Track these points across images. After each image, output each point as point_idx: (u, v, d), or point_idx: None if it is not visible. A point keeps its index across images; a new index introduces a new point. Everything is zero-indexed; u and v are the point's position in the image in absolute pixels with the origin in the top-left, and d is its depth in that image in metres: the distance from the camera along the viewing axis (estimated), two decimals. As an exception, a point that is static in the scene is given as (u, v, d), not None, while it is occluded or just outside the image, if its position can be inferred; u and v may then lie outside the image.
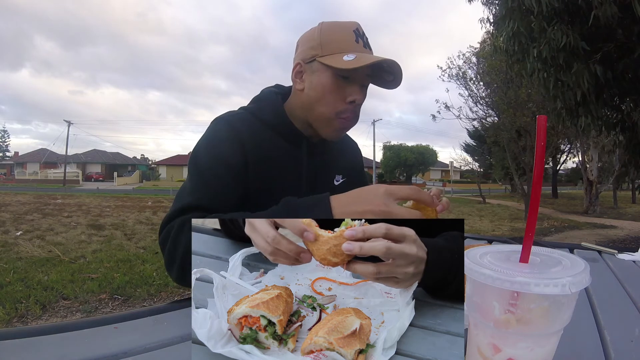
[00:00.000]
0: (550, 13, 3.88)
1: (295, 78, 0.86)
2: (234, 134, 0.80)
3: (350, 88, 0.81)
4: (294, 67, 0.85)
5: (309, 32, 0.85)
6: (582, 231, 9.13)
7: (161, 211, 10.77)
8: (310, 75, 0.82)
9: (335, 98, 0.80)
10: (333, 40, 0.80)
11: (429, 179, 45.69)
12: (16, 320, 2.95)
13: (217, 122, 0.84)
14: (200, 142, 0.83)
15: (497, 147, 14.75)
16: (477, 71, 13.29)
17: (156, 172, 42.59)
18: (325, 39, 0.80)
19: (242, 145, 0.80)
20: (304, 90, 0.84)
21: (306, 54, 0.82)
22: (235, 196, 0.78)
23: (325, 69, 0.80)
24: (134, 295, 3.55)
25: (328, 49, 0.80)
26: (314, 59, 0.81)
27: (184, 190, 0.78)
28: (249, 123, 0.84)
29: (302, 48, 0.84)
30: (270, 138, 0.85)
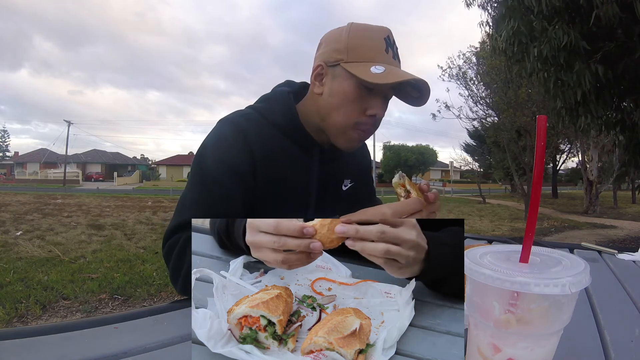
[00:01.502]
0: (551, 12, 3.88)
1: (314, 80, 0.79)
2: (241, 138, 0.75)
3: (372, 100, 0.75)
4: (315, 68, 0.79)
5: (335, 33, 0.78)
6: (582, 231, 9.12)
7: (161, 211, 10.77)
8: (331, 80, 0.76)
9: (355, 109, 0.75)
10: (361, 46, 0.74)
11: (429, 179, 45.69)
12: (16, 320, 2.95)
13: (223, 125, 0.79)
14: (204, 146, 0.78)
15: (497, 147, 14.75)
16: (477, 71, 13.30)
17: (156, 172, 42.60)
18: (353, 43, 0.74)
19: (250, 152, 0.75)
20: (323, 95, 0.78)
21: (330, 56, 0.76)
22: (240, 205, 0.74)
23: (348, 77, 0.74)
24: (134, 295, 3.55)
25: (355, 55, 0.73)
26: (338, 64, 0.75)
27: (186, 201, 0.74)
28: (258, 125, 0.78)
29: (326, 49, 0.78)
30: (280, 142, 0.79)
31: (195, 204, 0.73)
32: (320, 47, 0.80)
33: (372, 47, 0.74)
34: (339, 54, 0.75)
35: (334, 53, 0.76)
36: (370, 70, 0.71)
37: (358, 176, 0.95)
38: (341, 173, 0.90)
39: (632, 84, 4.27)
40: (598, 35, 3.98)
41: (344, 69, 0.74)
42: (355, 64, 0.73)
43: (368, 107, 0.76)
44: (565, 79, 4.27)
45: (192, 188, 0.75)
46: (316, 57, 0.80)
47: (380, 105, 0.76)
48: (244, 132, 0.76)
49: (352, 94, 0.74)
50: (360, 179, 0.96)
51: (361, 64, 0.73)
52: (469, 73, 13.39)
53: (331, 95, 0.76)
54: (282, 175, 0.78)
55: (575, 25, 3.88)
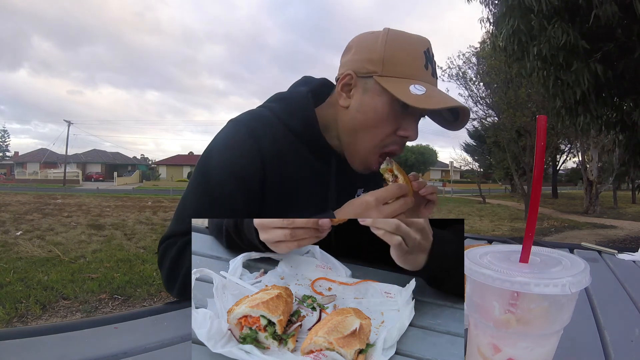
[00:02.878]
0: (550, 11, 3.88)
1: (340, 91, 0.71)
2: (253, 145, 0.69)
3: (406, 121, 0.68)
4: (342, 77, 0.70)
5: (369, 39, 0.69)
6: (582, 231, 9.13)
7: (161, 211, 10.77)
8: (361, 94, 0.69)
9: (385, 129, 0.68)
10: (400, 60, 0.66)
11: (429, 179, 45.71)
12: (16, 320, 2.95)
13: (235, 127, 0.72)
14: (212, 150, 0.71)
15: (497, 147, 14.75)
16: (477, 71, 13.31)
17: (156, 172, 42.61)
18: (391, 55, 0.66)
19: (262, 159, 0.69)
20: (350, 108, 0.70)
21: (361, 66, 0.68)
22: (247, 215, 0.69)
23: (382, 92, 0.66)
24: (134, 295, 3.55)
25: (391, 70, 0.66)
26: (371, 76, 0.67)
27: (188, 206, 0.70)
28: (272, 129, 0.72)
29: (358, 57, 0.69)
30: (295, 150, 0.73)
31: (196, 213, 0.69)
32: (350, 52, 0.72)
33: (411, 62, 0.66)
34: (373, 66, 0.67)
35: (366, 63, 0.68)
36: (409, 89, 0.64)
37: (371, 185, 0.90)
38: (355, 182, 0.84)
39: (632, 84, 4.27)
40: (598, 35, 3.98)
41: (378, 83, 0.66)
42: (392, 79, 0.66)
43: (400, 127, 0.69)
44: (564, 78, 4.27)
45: (195, 195, 0.70)
46: (343, 62, 0.72)
47: (414, 127, 0.70)
48: (255, 136, 0.70)
49: (385, 112, 0.67)
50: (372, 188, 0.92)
51: (398, 80, 0.65)
52: (469, 73, 13.41)
53: (360, 111, 0.69)
54: (294, 183, 0.73)
55: (575, 24, 3.88)
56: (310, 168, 0.74)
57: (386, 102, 0.66)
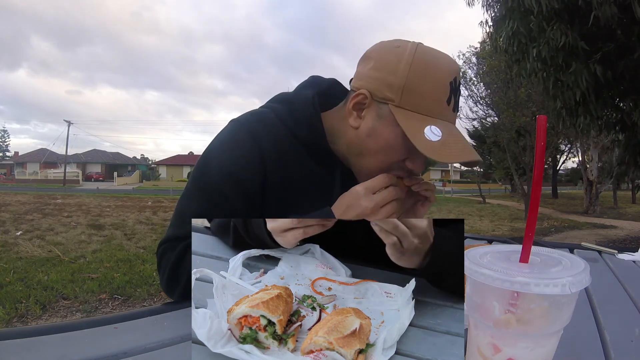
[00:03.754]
0: (550, 13, 3.88)
1: (352, 109, 0.66)
2: (254, 145, 0.67)
3: (415, 155, 0.65)
4: (356, 95, 0.65)
5: (394, 55, 0.63)
6: (582, 231, 9.13)
7: (161, 211, 10.77)
8: (373, 118, 0.65)
9: (393, 159, 0.66)
10: (421, 93, 0.61)
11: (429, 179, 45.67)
12: (16, 320, 2.95)
13: (236, 128, 0.70)
14: (212, 151, 0.69)
15: (497, 147, 14.76)
16: (477, 71, 13.32)
17: (156, 172, 42.61)
18: (412, 85, 0.61)
19: (262, 161, 0.67)
20: (359, 130, 0.67)
21: (379, 89, 0.63)
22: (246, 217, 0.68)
23: (396, 124, 0.62)
24: (134, 295, 3.55)
25: (410, 102, 0.61)
26: (387, 103, 0.63)
27: (186, 207, 0.69)
28: (275, 131, 0.69)
29: (377, 74, 0.64)
30: (297, 153, 0.70)
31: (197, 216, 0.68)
32: (369, 63, 0.65)
33: (433, 96, 0.62)
34: (391, 92, 0.62)
35: (385, 88, 0.62)
36: (424, 133, 0.60)
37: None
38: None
39: (632, 84, 4.27)
40: (597, 36, 3.98)
41: (393, 114, 0.62)
42: (409, 113, 0.61)
43: (408, 159, 0.66)
44: (564, 79, 4.28)
45: (193, 196, 0.69)
46: (361, 74, 0.67)
47: (422, 163, 0.67)
48: (257, 138, 0.67)
49: (397, 145, 0.64)
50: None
51: (415, 115, 0.61)
52: (469, 73, 13.41)
53: (370, 136, 0.65)
54: (295, 188, 0.71)
55: (574, 25, 3.89)
56: (312, 172, 0.72)
57: (399, 135, 0.63)
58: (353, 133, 0.68)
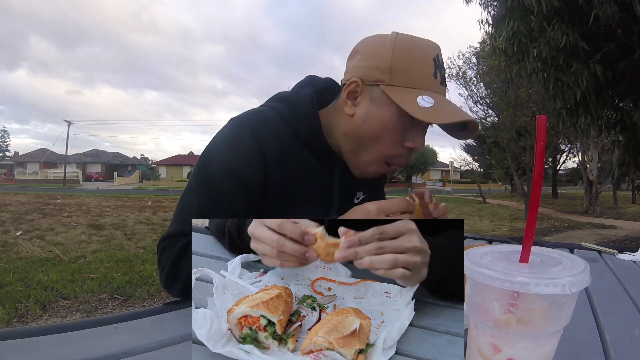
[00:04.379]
0: (550, 12, 3.88)
1: (346, 98, 0.69)
2: (254, 144, 0.67)
3: (412, 131, 0.67)
4: (349, 83, 0.68)
5: (377, 44, 0.67)
6: (582, 231, 9.13)
7: (161, 211, 10.77)
8: (368, 103, 0.67)
9: (393, 138, 0.67)
10: (408, 69, 0.64)
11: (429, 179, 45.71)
12: (16, 320, 2.95)
13: (237, 127, 0.70)
14: (212, 149, 0.70)
15: (497, 147, 14.76)
16: (477, 71, 13.31)
17: (156, 172, 42.61)
18: (398, 64, 0.64)
19: (263, 159, 0.67)
20: (355, 117, 0.68)
21: (368, 74, 0.66)
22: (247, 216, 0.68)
23: (389, 103, 0.64)
24: (134, 295, 3.55)
25: (399, 79, 0.64)
26: (378, 85, 0.65)
27: (187, 205, 0.69)
28: (275, 129, 0.70)
29: (365, 63, 0.67)
30: (297, 151, 0.71)
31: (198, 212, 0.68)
32: (356, 56, 0.69)
33: (419, 71, 0.64)
34: (381, 74, 0.65)
35: (374, 71, 0.65)
36: (417, 101, 0.62)
37: (372, 188, 0.89)
38: (355, 185, 0.82)
39: (632, 84, 4.27)
40: (598, 36, 3.98)
41: (385, 93, 0.64)
42: (400, 89, 0.64)
43: (406, 138, 0.67)
44: (564, 79, 4.28)
45: (194, 194, 0.70)
46: (350, 67, 0.70)
47: (421, 137, 0.68)
48: (258, 136, 0.68)
49: (393, 123, 0.65)
50: (373, 191, 0.90)
51: (406, 90, 0.64)
52: (469, 73, 13.42)
53: (366, 121, 0.67)
54: (295, 186, 0.71)
55: (575, 25, 3.88)
56: (312, 170, 0.73)
57: (394, 113, 0.65)
58: (349, 122, 0.69)
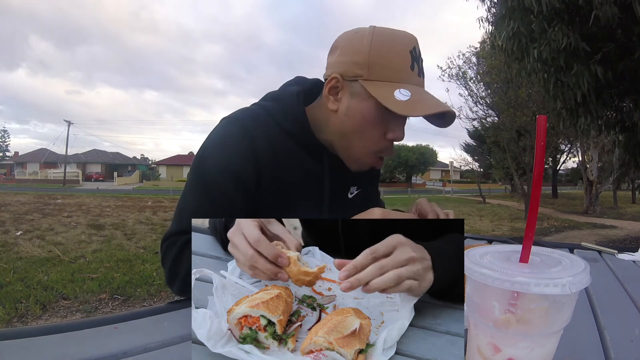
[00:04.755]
0: (550, 13, 3.88)
1: (328, 94, 0.71)
2: (246, 141, 0.70)
3: (393, 123, 0.70)
4: (329, 80, 0.70)
5: (355, 40, 0.69)
6: (582, 231, 9.13)
7: (161, 211, 10.77)
8: (348, 98, 0.69)
9: (375, 133, 0.70)
10: (385, 64, 0.66)
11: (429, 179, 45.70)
12: (16, 320, 2.95)
13: (228, 125, 0.73)
14: (207, 148, 0.72)
15: (497, 147, 14.75)
16: (477, 71, 13.31)
17: (156, 172, 42.59)
18: (376, 59, 0.66)
19: (255, 156, 0.70)
20: (338, 112, 0.71)
21: (348, 69, 0.68)
22: (243, 213, 0.70)
23: (368, 97, 0.67)
24: (134, 295, 3.55)
25: (377, 74, 0.66)
26: (357, 80, 0.67)
27: (187, 206, 0.71)
28: (265, 127, 0.72)
29: (344, 59, 0.69)
30: (288, 148, 0.73)
31: (195, 213, 0.70)
32: (336, 52, 0.71)
33: (396, 65, 0.67)
34: (359, 69, 0.67)
35: (352, 66, 0.68)
36: (394, 95, 0.64)
37: (365, 183, 0.90)
38: (348, 180, 0.84)
39: (632, 85, 4.27)
40: (598, 36, 3.98)
41: (364, 88, 0.67)
42: (378, 83, 0.66)
43: (388, 130, 0.70)
44: (565, 80, 4.27)
45: (192, 193, 0.72)
46: (330, 63, 0.72)
47: (401, 128, 0.71)
48: (250, 134, 0.70)
49: (372, 116, 0.68)
50: (367, 186, 0.91)
51: (384, 84, 0.66)
52: (469, 73, 13.41)
53: (348, 115, 0.70)
54: (288, 182, 0.74)
55: (575, 26, 3.88)
56: (304, 166, 0.75)
57: (373, 106, 0.67)
58: (334, 117, 0.72)
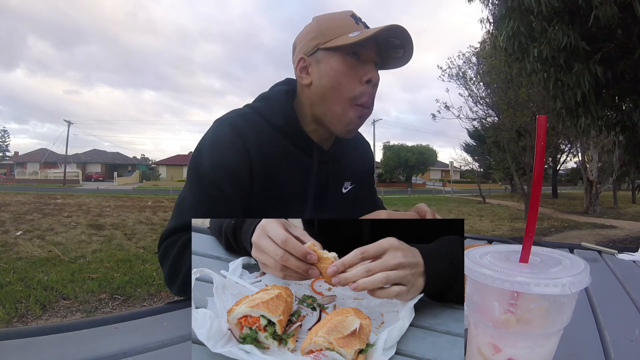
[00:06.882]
0: (550, 13, 3.88)
1: (300, 74, 0.79)
2: (239, 140, 0.74)
3: (363, 68, 0.76)
4: (297, 63, 0.79)
5: (306, 28, 0.81)
6: (582, 231, 9.12)
7: (161, 211, 10.77)
8: (316, 66, 0.77)
9: (350, 80, 0.75)
10: (333, 26, 0.76)
11: (429, 179, 45.70)
12: (16, 320, 2.95)
13: (220, 125, 0.77)
14: (201, 148, 0.76)
15: (497, 147, 14.75)
16: (477, 71, 13.30)
17: (156, 172, 42.58)
18: (325, 26, 0.76)
19: (247, 153, 0.74)
20: (313, 83, 0.78)
21: (307, 47, 0.78)
22: (239, 208, 0.74)
23: (332, 54, 0.75)
24: (134, 295, 3.55)
25: (330, 34, 0.75)
26: (317, 49, 0.76)
27: (184, 203, 0.74)
28: (256, 126, 0.77)
29: (301, 44, 0.79)
30: (279, 144, 0.78)
31: (193, 207, 0.72)
32: (296, 47, 0.82)
33: (343, 24, 0.76)
34: (315, 40, 0.76)
35: (310, 42, 0.77)
36: (348, 36, 0.73)
37: (359, 178, 0.94)
38: (341, 175, 0.88)
39: (632, 85, 4.26)
40: (598, 36, 3.98)
41: (325, 49, 0.75)
42: (334, 39, 0.75)
43: (362, 74, 0.76)
44: (565, 79, 4.27)
45: (189, 190, 0.74)
46: (294, 57, 0.81)
47: (373, 69, 0.76)
48: (241, 133, 0.75)
49: (342, 66, 0.74)
50: (361, 181, 0.95)
51: (339, 37, 0.74)
52: (469, 73, 13.40)
53: (322, 78, 0.76)
54: (281, 177, 0.77)
55: (575, 25, 3.88)
56: (295, 160, 0.79)
57: (339, 58, 0.74)
58: (311, 90, 0.78)
